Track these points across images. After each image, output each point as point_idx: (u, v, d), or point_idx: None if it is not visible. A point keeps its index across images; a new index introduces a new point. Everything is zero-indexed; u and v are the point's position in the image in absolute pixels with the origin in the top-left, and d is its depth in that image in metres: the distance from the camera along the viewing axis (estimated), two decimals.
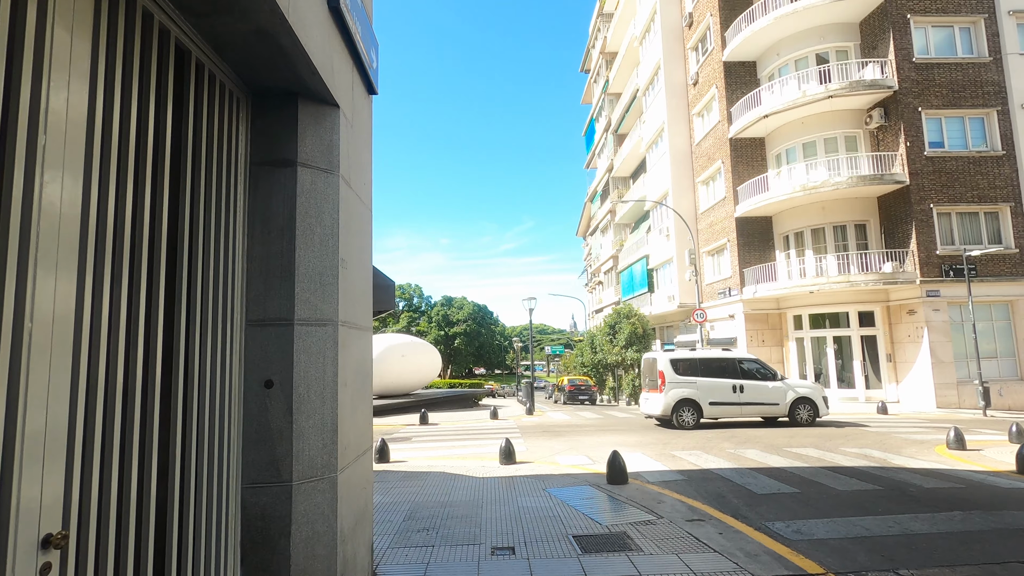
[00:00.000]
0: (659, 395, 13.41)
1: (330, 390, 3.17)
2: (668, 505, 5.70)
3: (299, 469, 2.99)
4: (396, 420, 16.81)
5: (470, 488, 6.83)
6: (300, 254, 3.13)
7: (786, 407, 13.27)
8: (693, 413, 13.19)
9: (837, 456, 8.43)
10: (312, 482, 3.04)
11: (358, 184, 3.84)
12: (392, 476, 7.89)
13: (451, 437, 12.45)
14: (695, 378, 13.40)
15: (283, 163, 3.17)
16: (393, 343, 21.10)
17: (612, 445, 10.24)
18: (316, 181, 3.26)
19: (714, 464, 7.95)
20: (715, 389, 13.32)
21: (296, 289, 3.09)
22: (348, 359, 3.46)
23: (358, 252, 3.81)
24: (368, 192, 4.24)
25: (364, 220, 4.04)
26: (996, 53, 18.76)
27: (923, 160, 18.21)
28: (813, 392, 13.58)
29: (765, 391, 13.40)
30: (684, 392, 13.23)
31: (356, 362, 3.66)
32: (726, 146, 22.46)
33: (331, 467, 3.13)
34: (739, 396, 13.32)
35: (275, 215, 3.13)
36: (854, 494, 6.01)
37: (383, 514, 5.65)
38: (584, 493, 6.42)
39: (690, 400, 13.20)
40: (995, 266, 17.86)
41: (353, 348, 3.59)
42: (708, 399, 13.27)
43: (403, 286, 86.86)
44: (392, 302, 5.00)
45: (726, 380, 13.42)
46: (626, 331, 27.64)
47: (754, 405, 13.38)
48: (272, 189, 3.15)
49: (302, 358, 3.07)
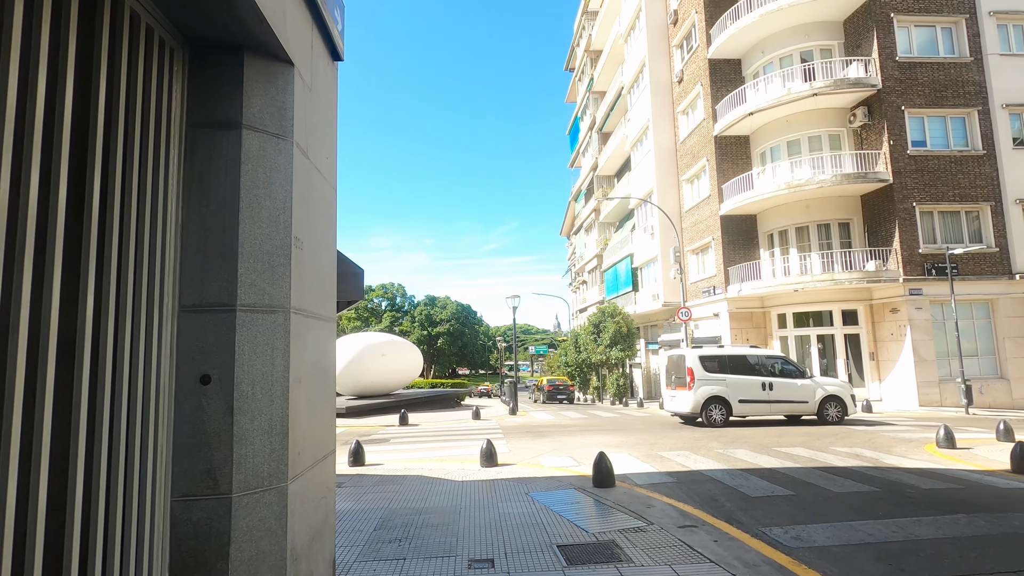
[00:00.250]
0: (688, 392, 13.13)
1: (280, 387, 2.76)
2: (658, 510, 5.37)
3: (241, 479, 2.57)
4: (375, 421, 16.32)
5: (448, 493, 6.44)
6: (245, 230, 2.72)
7: (815, 405, 13.05)
8: (722, 411, 12.96)
9: (828, 456, 8.20)
10: (256, 493, 2.63)
11: (318, 156, 3.42)
12: (367, 480, 7.46)
13: (431, 438, 12.03)
14: (724, 375, 13.18)
15: (225, 125, 2.74)
16: (372, 342, 20.57)
17: (597, 446, 9.91)
18: (265, 147, 2.85)
19: (703, 465, 7.65)
20: (745, 387, 13.09)
21: (240, 270, 2.67)
22: (304, 352, 3.05)
23: (318, 233, 3.40)
24: (332, 169, 3.82)
25: (326, 198, 3.63)
26: (977, 53, 18.89)
27: (906, 159, 18.24)
28: (842, 390, 13.38)
29: (794, 389, 13.18)
30: (714, 389, 13.00)
31: (314, 356, 3.25)
32: (711, 144, 22.34)
33: (280, 475, 2.72)
34: (768, 394, 13.11)
35: (216, 184, 2.71)
36: (851, 496, 5.74)
37: (352, 523, 5.23)
38: (569, 497, 6.06)
39: (720, 398, 12.98)
40: (976, 265, 17.95)
41: (310, 340, 3.18)
42: (738, 397, 13.04)
43: (386, 286, 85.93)
44: (360, 292, 4.59)
45: (755, 378, 13.20)
46: (610, 330, 27.42)
47: (783, 403, 13.16)
48: (212, 154, 2.72)
49: (246, 350, 2.65)
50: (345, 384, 20.02)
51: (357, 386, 20.14)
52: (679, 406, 13.66)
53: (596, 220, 37.87)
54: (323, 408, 3.43)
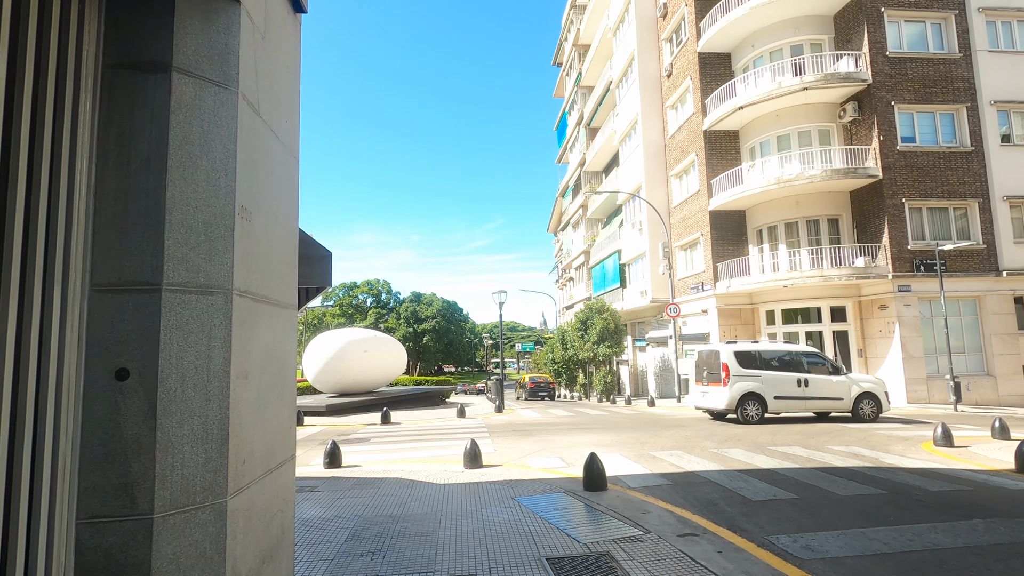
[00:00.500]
0: (722, 389, 12.86)
1: (218, 383, 2.30)
2: (655, 516, 4.98)
3: (165, 495, 2.11)
4: (356, 419, 15.79)
5: (429, 498, 5.99)
6: (175, 193, 2.25)
7: (850, 402, 12.81)
8: (758, 407, 12.70)
9: (826, 455, 7.90)
10: (186, 512, 2.17)
11: (274, 116, 2.95)
12: (342, 483, 6.99)
13: (413, 438, 11.56)
14: (759, 371, 12.92)
15: (151, 67, 2.27)
16: (354, 337, 19.99)
17: (586, 445, 9.54)
18: (203, 96, 2.37)
19: (699, 466, 7.29)
20: (780, 383, 12.85)
21: (167, 242, 2.20)
22: (252, 342, 2.59)
23: (273, 205, 2.93)
24: (292, 136, 3.35)
25: (285, 167, 3.16)
26: (966, 49, 18.83)
27: (895, 154, 18.12)
28: (876, 387, 13.13)
29: (829, 385, 12.93)
30: (749, 386, 12.74)
31: (267, 346, 2.78)
32: (700, 138, 22.08)
33: (217, 489, 2.26)
34: (804, 390, 12.85)
35: (139, 138, 2.24)
36: (857, 499, 5.40)
37: (321, 532, 4.77)
38: (558, 502, 5.65)
39: (755, 394, 12.73)
40: (964, 262, 17.91)
41: (262, 328, 2.71)
42: (773, 393, 12.79)
43: (371, 282, 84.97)
44: (328, 277, 4.12)
45: (791, 374, 12.95)
46: (598, 327, 27.12)
47: (818, 400, 12.91)
48: (136, 102, 2.25)
49: (174, 338, 2.19)
50: (326, 381, 19.44)
51: (338, 383, 19.57)
52: (712, 402, 13.38)
53: (583, 216, 37.55)
54: (279, 408, 2.97)
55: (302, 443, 11.01)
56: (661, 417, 15.05)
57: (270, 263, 2.86)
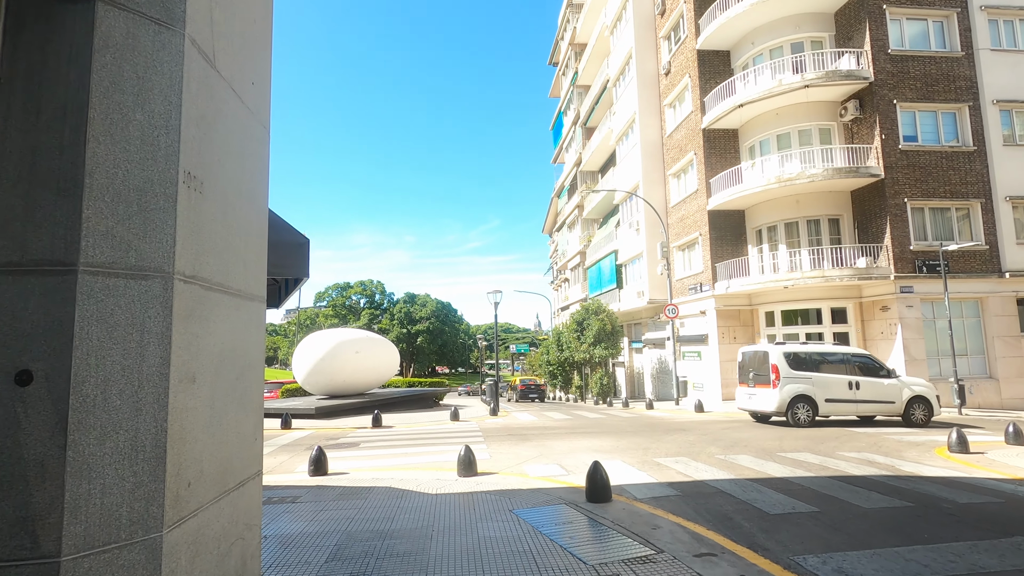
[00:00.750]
0: (771, 391, 12.51)
1: (153, 389, 1.86)
2: (666, 532, 4.56)
3: (78, 531, 1.67)
4: (346, 422, 15.30)
5: (420, 509, 5.55)
6: (98, 151, 1.81)
7: (902, 406, 12.44)
8: (808, 410, 12.34)
9: (839, 463, 7.51)
10: (107, 552, 1.72)
11: (234, 73, 2.51)
12: (327, 493, 6.53)
13: (405, 442, 11.10)
14: (810, 373, 12.55)
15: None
16: (345, 338, 19.48)
17: (586, 451, 9.12)
18: (138, 35, 1.93)
19: (707, 474, 6.88)
20: (831, 385, 12.48)
21: (86, 212, 1.76)
22: (204, 338, 2.15)
23: (234, 177, 2.49)
24: (261, 102, 2.91)
25: (250, 134, 2.72)
26: (968, 48, 18.58)
27: (898, 154, 17.84)
28: (928, 391, 12.75)
29: (881, 388, 12.56)
30: (800, 388, 12.38)
31: (224, 344, 2.34)
32: (699, 137, 21.75)
33: (150, 521, 1.82)
34: (855, 393, 12.47)
35: (53, 82, 1.80)
36: (884, 513, 5.00)
37: (300, 551, 4.32)
38: (560, 515, 5.22)
39: (806, 396, 12.36)
40: (966, 263, 17.63)
41: (217, 322, 2.27)
42: (824, 396, 12.42)
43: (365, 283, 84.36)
44: (305, 267, 3.67)
45: (842, 376, 12.58)
46: (594, 328, 26.72)
47: (869, 403, 12.54)
48: (49, 36, 1.81)
49: (94, 332, 1.75)
50: (316, 382, 18.93)
51: (329, 385, 19.06)
52: (760, 404, 13.02)
53: (579, 216, 37.20)
54: (240, 416, 2.52)
55: (288, 448, 10.53)
56: (661, 420, 14.65)
57: (229, 245, 2.42)
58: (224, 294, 2.35)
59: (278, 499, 6.21)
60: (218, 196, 2.32)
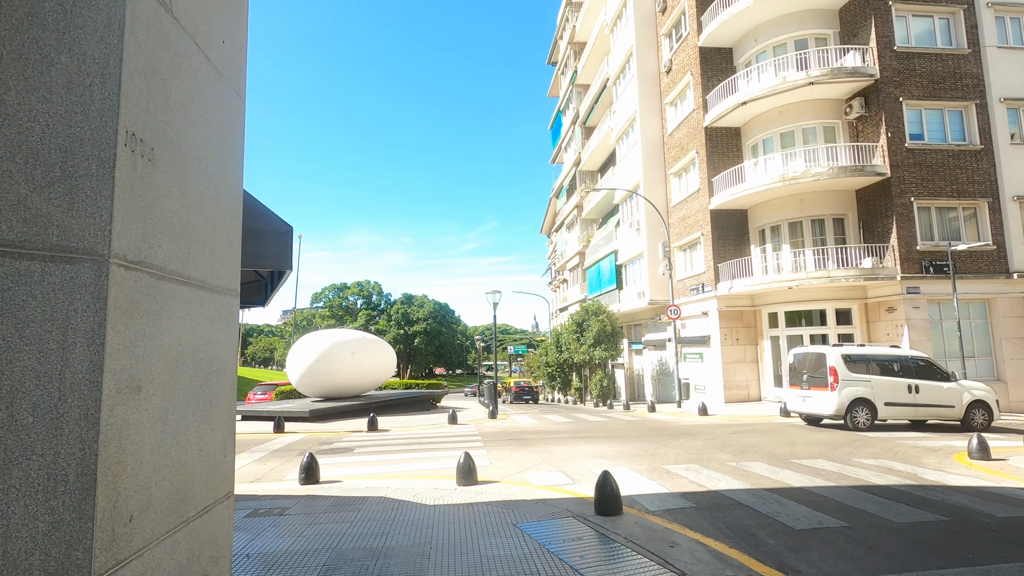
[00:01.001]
0: (829, 393, 12.21)
1: (79, 401, 1.47)
2: (685, 550, 4.19)
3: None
4: (341, 425, 14.89)
5: (417, 524, 5.16)
6: (7, 98, 1.43)
7: (961, 410, 12.13)
8: (868, 414, 12.04)
9: (858, 470, 7.15)
10: None
11: (199, 25, 2.13)
12: (318, 504, 6.13)
13: (401, 447, 10.70)
14: (869, 376, 12.24)
15: None
16: (340, 339, 19.06)
17: (591, 457, 8.74)
18: None
19: (721, 483, 6.50)
20: (890, 388, 12.18)
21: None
22: (153, 338, 1.76)
23: (197, 146, 2.10)
24: (235, 66, 2.53)
25: (219, 100, 2.33)
26: (975, 45, 18.31)
27: (904, 152, 17.53)
28: (988, 395, 12.44)
29: (940, 392, 12.25)
30: (859, 391, 12.10)
31: (183, 344, 1.96)
32: (701, 135, 21.42)
33: (72, 571, 1.43)
34: (914, 397, 12.16)
35: None
36: (918, 529, 4.64)
37: (286, 572, 3.92)
38: (568, 531, 4.84)
39: (865, 400, 12.08)
40: (973, 263, 17.34)
41: (172, 318, 1.89)
42: (883, 399, 12.12)
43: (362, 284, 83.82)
44: (287, 259, 3.28)
45: (901, 379, 12.27)
46: (594, 329, 26.35)
47: (929, 407, 12.22)
48: None
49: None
50: (311, 385, 18.51)
51: (324, 387, 18.63)
52: (816, 407, 12.69)
53: (578, 216, 36.85)
54: (204, 430, 2.14)
55: (279, 453, 10.12)
56: (665, 424, 14.28)
57: (191, 227, 2.04)
58: (184, 285, 1.97)
59: (265, 511, 5.82)
60: (176, 167, 1.93)
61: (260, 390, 25.43)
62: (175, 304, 1.91)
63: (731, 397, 19.91)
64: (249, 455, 9.95)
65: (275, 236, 3.26)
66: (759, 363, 20.34)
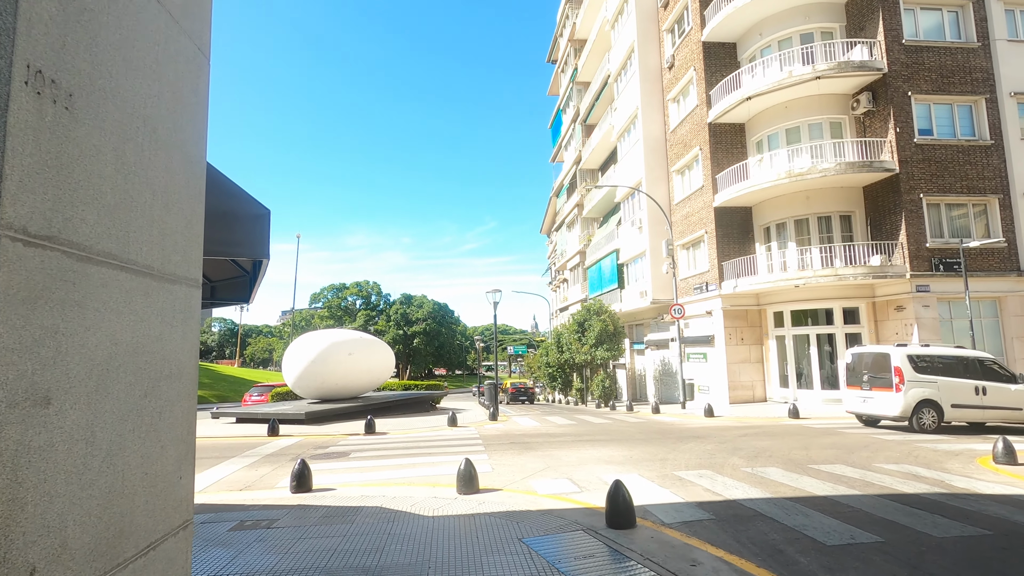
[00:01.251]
0: (894, 395, 11.84)
1: None
2: (708, 569, 3.81)
3: None
4: (338, 428, 14.49)
5: (414, 538, 4.78)
6: None
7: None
8: (934, 416, 11.66)
9: (882, 477, 6.77)
10: None
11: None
12: (310, 514, 5.75)
13: (399, 451, 10.31)
14: (935, 377, 11.87)
15: None
16: (338, 339, 18.67)
17: (597, 462, 8.36)
18: None
19: (739, 492, 6.12)
20: (957, 390, 11.81)
21: None
22: (74, 336, 1.38)
23: (140, 101, 1.72)
24: (196, 17, 2.15)
25: (170, 49, 1.94)
26: (984, 39, 17.95)
27: (913, 147, 17.18)
28: None
29: (1008, 395, 11.88)
30: (925, 392, 11.73)
31: (120, 346, 1.57)
32: (705, 131, 21.05)
33: None
34: (982, 399, 11.79)
35: None
36: (962, 544, 4.26)
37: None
38: (579, 546, 4.46)
39: (931, 401, 11.71)
40: (984, 261, 16.98)
41: (106, 312, 1.51)
42: (950, 401, 11.74)
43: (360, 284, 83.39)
44: (264, 246, 2.89)
45: (968, 380, 11.89)
46: (596, 329, 25.97)
47: (996, 410, 11.86)
48: None
49: None
50: (307, 386, 18.12)
51: (320, 388, 18.25)
52: (878, 408, 12.30)
53: (579, 215, 36.48)
54: (150, 449, 1.75)
55: (271, 458, 9.72)
56: (671, 426, 13.90)
57: (131, 199, 1.65)
58: (121, 270, 1.59)
59: (252, 523, 5.43)
60: (109, 124, 1.55)
61: (256, 391, 25.04)
62: (107, 293, 1.53)
63: (736, 398, 19.54)
64: (240, 460, 9.56)
65: (250, 220, 2.87)
66: (764, 363, 19.97)
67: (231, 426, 15.99)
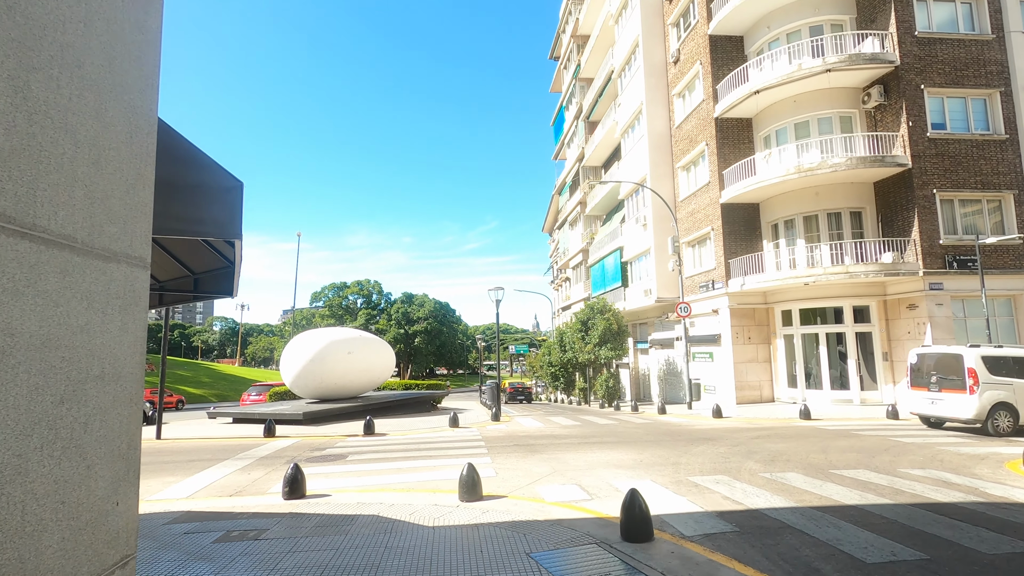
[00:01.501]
0: (967, 397, 11.41)
1: None
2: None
3: None
4: (336, 429, 14.12)
5: (413, 552, 4.40)
6: None
7: None
8: (1010, 419, 11.27)
9: (912, 484, 6.37)
10: None
11: None
12: (302, 523, 5.37)
13: (399, 454, 9.93)
14: (1010, 379, 11.45)
15: None
16: (337, 337, 18.29)
17: (606, 466, 7.97)
18: None
19: (760, 499, 5.73)
20: None
21: None
22: None
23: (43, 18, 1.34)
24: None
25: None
26: (999, 31, 17.52)
27: (925, 142, 16.75)
28: None
29: None
30: (1000, 395, 11.32)
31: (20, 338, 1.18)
32: (711, 126, 20.63)
33: None
34: None
35: None
36: (1017, 562, 3.86)
37: None
38: (592, 563, 4.07)
39: (1007, 404, 11.31)
40: (998, 258, 16.54)
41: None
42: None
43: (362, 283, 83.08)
44: (236, 225, 2.50)
45: None
46: (600, 328, 25.56)
47: None
48: None
49: None
50: (305, 385, 17.75)
51: (319, 388, 17.87)
52: (948, 410, 11.86)
53: (582, 213, 36.07)
54: (70, 471, 1.37)
55: (266, 461, 9.35)
56: (679, 427, 13.51)
57: (39, 149, 1.26)
58: (20, 238, 1.21)
59: (239, 533, 5.06)
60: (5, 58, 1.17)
61: (255, 391, 24.68)
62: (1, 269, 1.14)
63: (743, 398, 19.14)
64: (233, 463, 9.19)
65: (218, 193, 2.47)
66: (772, 363, 19.56)
67: (227, 426, 15.62)
